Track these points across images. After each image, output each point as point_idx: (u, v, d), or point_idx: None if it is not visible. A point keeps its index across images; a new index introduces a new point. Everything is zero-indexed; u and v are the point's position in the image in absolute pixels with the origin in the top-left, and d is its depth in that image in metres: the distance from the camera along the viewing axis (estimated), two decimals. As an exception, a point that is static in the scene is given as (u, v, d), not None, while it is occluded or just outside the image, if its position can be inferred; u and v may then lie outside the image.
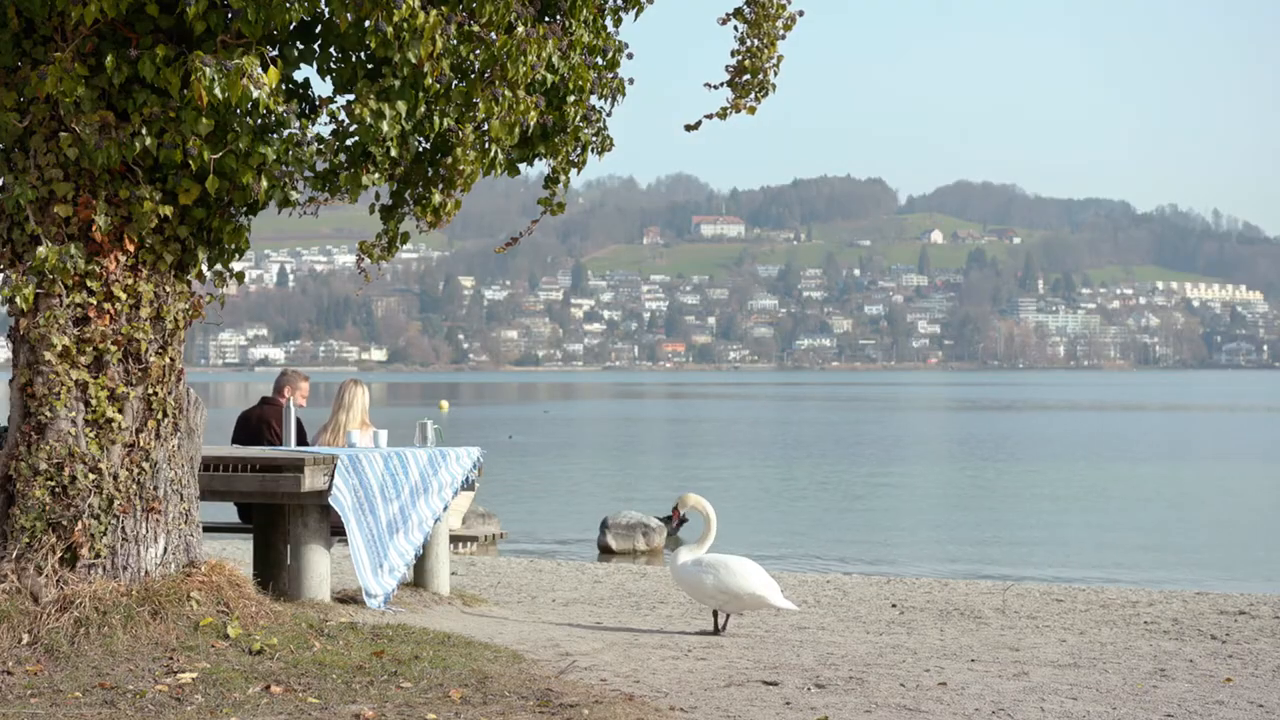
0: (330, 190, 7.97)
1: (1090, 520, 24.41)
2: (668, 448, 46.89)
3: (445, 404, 76.81)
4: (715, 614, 9.78)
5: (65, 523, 7.66)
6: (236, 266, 8.34)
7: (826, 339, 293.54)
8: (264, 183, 7.59)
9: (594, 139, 8.80)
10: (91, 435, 7.75)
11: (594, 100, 8.69)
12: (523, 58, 7.80)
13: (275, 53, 7.59)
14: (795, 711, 7.20)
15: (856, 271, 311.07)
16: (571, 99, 8.50)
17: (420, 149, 8.20)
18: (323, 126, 7.86)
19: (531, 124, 8.17)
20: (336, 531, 10.10)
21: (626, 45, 8.79)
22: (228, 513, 11.29)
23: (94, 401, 7.76)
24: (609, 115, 8.85)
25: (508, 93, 7.87)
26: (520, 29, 7.83)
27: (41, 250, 7.61)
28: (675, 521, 10.17)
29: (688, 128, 9.31)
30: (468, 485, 10.92)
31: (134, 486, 7.83)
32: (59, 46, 7.57)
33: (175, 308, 8.01)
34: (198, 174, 7.71)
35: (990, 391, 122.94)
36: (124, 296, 7.81)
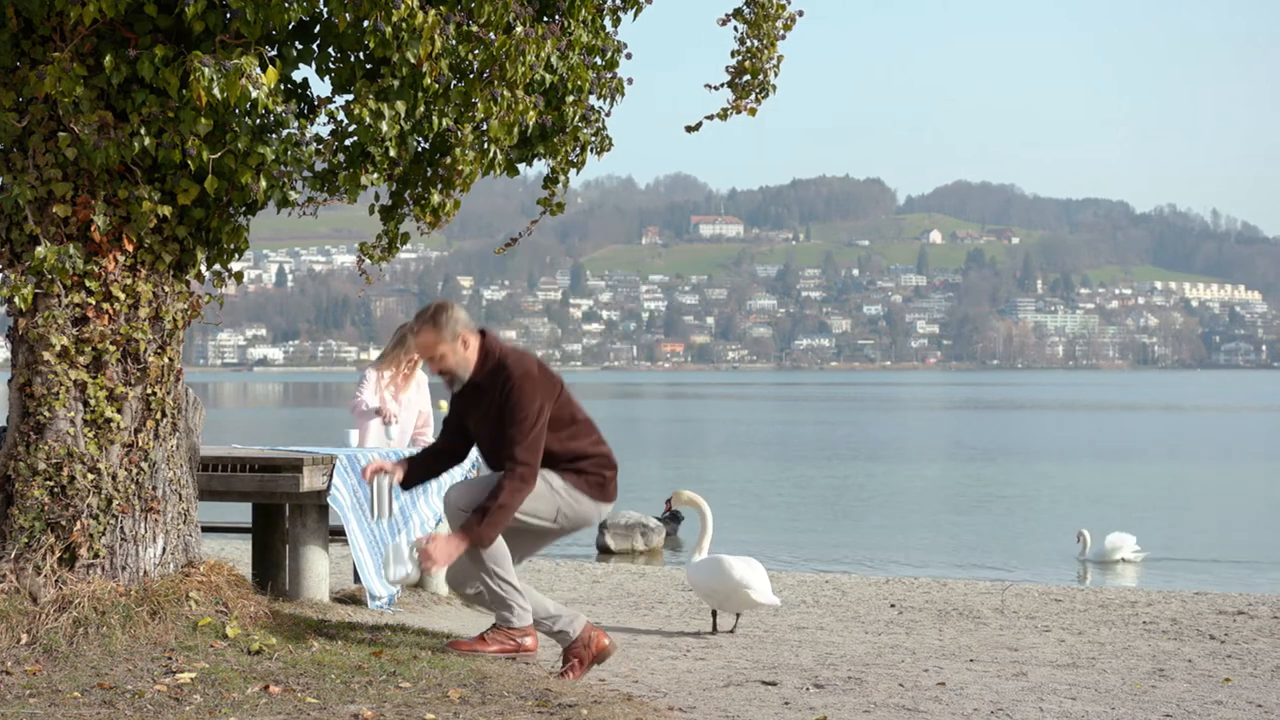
0: (329, 190, 7.97)
1: (1090, 520, 24.41)
2: (666, 448, 46.86)
3: (445, 404, 76.64)
4: (714, 614, 9.80)
5: (64, 523, 7.65)
6: (235, 266, 8.34)
7: (825, 339, 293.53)
8: (263, 183, 7.58)
9: (593, 139, 8.79)
10: (90, 435, 7.75)
11: (593, 100, 8.69)
12: (521, 58, 7.80)
13: (274, 53, 7.58)
14: (794, 711, 7.20)
15: (855, 271, 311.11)
16: (570, 99, 8.50)
17: (419, 149, 8.20)
18: (321, 126, 7.86)
19: (530, 124, 8.17)
20: (335, 532, 10.09)
21: (625, 45, 8.78)
22: (228, 513, 11.29)
23: (93, 401, 7.76)
24: (608, 115, 8.84)
25: (506, 93, 7.86)
26: (519, 29, 7.82)
27: (40, 250, 7.61)
28: (668, 513, 10.33)
29: (689, 129, 9.30)
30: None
31: (133, 486, 7.82)
32: (58, 46, 7.57)
33: (174, 308, 8.01)
34: (196, 174, 7.70)
35: (989, 391, 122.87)
36: (123, 296, 7.81)
